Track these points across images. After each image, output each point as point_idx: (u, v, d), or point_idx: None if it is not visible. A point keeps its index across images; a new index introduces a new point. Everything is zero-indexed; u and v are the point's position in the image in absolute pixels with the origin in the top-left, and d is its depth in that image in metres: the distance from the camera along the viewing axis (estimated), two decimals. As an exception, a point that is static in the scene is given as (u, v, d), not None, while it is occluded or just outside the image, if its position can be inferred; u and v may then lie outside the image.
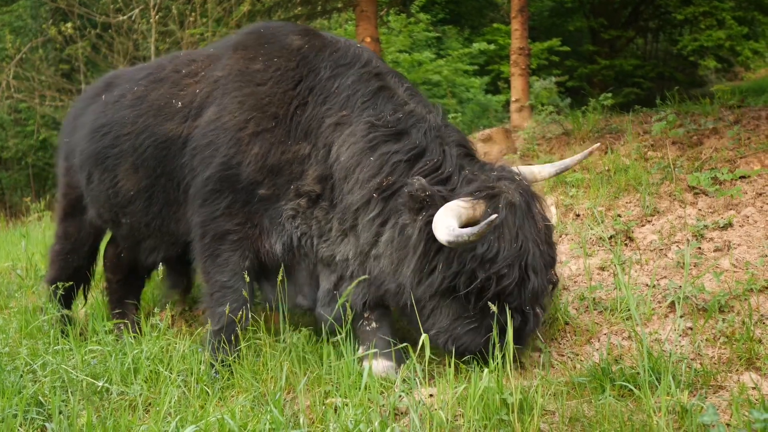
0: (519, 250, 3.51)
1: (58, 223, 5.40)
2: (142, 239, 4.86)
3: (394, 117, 3.93)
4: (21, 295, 6.06)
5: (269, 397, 3.33)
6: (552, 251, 3.75)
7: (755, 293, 4.02)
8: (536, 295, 3.59)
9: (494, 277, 3.49)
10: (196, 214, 4.23)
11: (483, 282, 3.50)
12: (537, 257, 3.57)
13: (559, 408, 3.22)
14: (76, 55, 15.45)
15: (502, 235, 3.51)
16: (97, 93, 5.19)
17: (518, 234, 3.53)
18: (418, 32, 13.75)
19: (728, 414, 3.06)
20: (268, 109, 4.13)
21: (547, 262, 3.67)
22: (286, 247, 4.12)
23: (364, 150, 3.86)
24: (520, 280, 3.51)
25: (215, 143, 4.17)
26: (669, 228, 4.97)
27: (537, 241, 3.59)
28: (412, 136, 3.86)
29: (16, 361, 4.06)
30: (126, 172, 4.61)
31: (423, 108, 4.05)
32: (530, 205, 3.66)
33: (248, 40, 4.51)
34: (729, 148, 5.78)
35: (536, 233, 3.61)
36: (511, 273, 3.49)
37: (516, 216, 3.56)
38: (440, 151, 3.81)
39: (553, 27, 18.01)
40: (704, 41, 15.40)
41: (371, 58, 4.25)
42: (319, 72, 4.17)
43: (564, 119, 7.86)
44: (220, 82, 4.35)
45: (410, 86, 4.25)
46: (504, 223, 3.52)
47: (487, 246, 3.49)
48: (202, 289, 4.32)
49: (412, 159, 3.81)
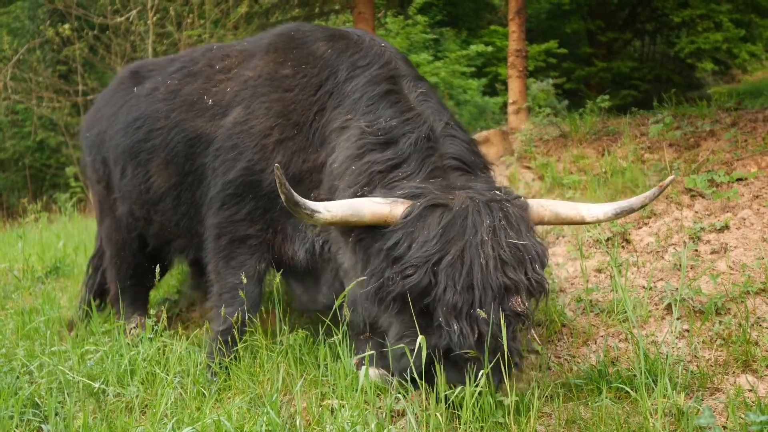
0: (431, 251, 3.10)
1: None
2: (173, 239, 4.81)
3: (387, 124, 3.70)
4: (18, 297, 6.05)
5: (266, 398, 3.33)
6: (508, 276, 3.11)
7: (752, 295, 4.03)
8: (455, 308, 3.06)
9: (399, 277, 3.14)
10: (214, 216, 4.18)
11: (389, 283, 3.18)
12: (463, 264, 3.08)
13: (555, 410, 3.22)
14: (74, 56, 15.41)
15: (414, 235, 3.16)
16: (123, 84, 5.14)
17: (437, 236, 3.12)
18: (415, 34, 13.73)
19: (725, 416, 3.07)
20: (292, 117, 4.02)
21: (494, 283, 3.08)
22: (309, 253, 4.04)
23: (353, 157, 3.68)
24: (428, 283, 3.09)
25: (239, 147, 4.09)
26: (666, 230, 4.98)
27: (474, 253, 3.10)
28: (399, 145, 3.61)
29: (13, 362, 4.05)
30: (158, 167, 4.55)
31: (430, 115, 3.75)
32: (482, 216, 3.17)
33: (279, 43, 4.40)
34: (726, 150, 5.78)
35: (475, 245, 3.11)
36: (417, 273, 3.10)
37: (443, 219, 3.16)
38: (420, 163, 3.54)
39: (550, 29, 18.03)
40: (701, 44, 15.41)
41: (392, 59, 4.06)
42: (337, 75, 4.03)
43: (561, 121, 7.86)
44: (249, 83, 4.25)
45: (426, 91, 3.97)
46: (421, 223, 3.17)
47: (394, 242, 3.20)
48: (210, 288, 4.29)
49: (387, 170, 3.57)
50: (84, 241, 8.23)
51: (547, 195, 6.15)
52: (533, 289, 3.19)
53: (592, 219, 3.48)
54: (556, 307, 4.34)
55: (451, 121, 3.82)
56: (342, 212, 3.25)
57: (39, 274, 6.94)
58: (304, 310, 4.44)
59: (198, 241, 4.49)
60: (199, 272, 5.23)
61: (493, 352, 3.09)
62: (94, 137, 5.24)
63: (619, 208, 3.46)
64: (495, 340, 3.08)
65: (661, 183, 3.42)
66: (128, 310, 5.15)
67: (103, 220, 5.32)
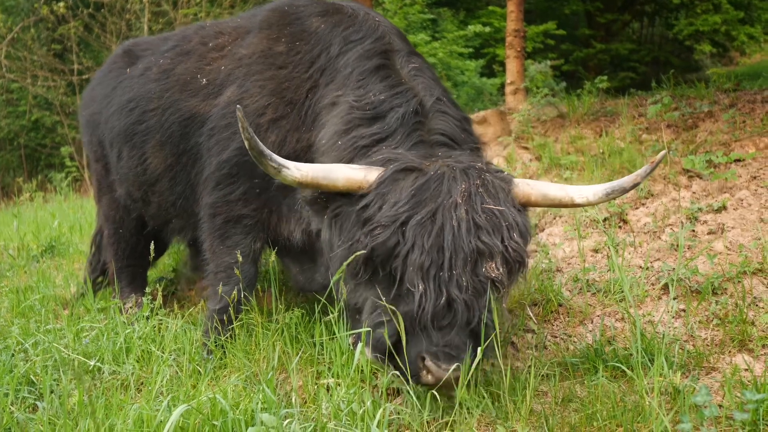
0: (401, 211, 3.00)
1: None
2: (170, 219, 4.76)
3: (376, 98, 3.58)
4: (13, 275, 6.04)
5: (261, 376, 3.32)
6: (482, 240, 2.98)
7: (748, 275, 4.03)
8: (422, 269, 2.94)
9: (368, 237, 3.03)
10: (209, 195, 4.14)
11: (358, 244, 3.08)
12: (433, 226, 2.97)
13: (551, 389, 3.22)
14: (69, 34, 15.33)
15: (386, 197, 3.07)
16: (116, 63, 5.09)
17: (408, 197, 3.02)
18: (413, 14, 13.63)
19: (721, 395, 3.07)
20: (286, 95, 3.94)
21: (467, 246, 2.96)
22: (305, 233, 3.97)
23: (340, 132, 3.58)
24: (396, 243, 2.98)
25: (233, 126, 4.02)
26: (663, 211, 4.97)
27: (447, 216, 2.98)
28: (386, 120, 3.49)
29: (8, 340, 4.05)
30: (153, 149, 4.50)
31: (422, 90, 3.64)
32: (457, 182, 3.07)
33: (273, 18, 4.31)
34: (724, 131, 5.77)
35: (447, 207, 3.00)
36: (384, 232, 3.00)
37: (416, 182, 3.06)
38: (405, 137, 3.43)
39: (549, 10, 17.93)
40: (700, 26, 15.37)
41: (386, 33, 3.93)
42: (330, 50, 3.94)
43: (559, 102, 7.83)
44: (244, 61, 4.18)
45: (419, 66, 3.84)
46: (394, 186, 3.09)
47: (365, 204, 3.12)
48: (206, 267, 4.28)
49: (372, 144, 3.45)
50: (79, 221, 8.22)
51: (544, 175, 6.14)
52: (509, 256, 3.01)
53: (582, 201, 3.27)
54: (552, 287, 4.33)
55: (444, 97, 3.70)
56: (314, 173, 3.16)
57: (34, 253, 6.92)
58: (301, 289, 4.41)
59: (195, 221, 4.45)
60: (197, 253, 5.21)
61: (467, 325, 2.96)
62: (89, 117, 5.21)
63: (610, 188, 3.26)
64: (468, 311, 2.95)
65: (653, 160, 3.18)
66: (126, 289, 5.14)
67: (102, 198, 5.30)
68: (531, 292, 4.34)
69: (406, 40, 4.13)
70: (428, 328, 2.94)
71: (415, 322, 2.95)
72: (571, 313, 4.13)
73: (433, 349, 2.90)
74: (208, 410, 2.94)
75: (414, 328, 2.96)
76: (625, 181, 3.24)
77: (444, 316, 2.92)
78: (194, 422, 2.87)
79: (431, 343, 2.92)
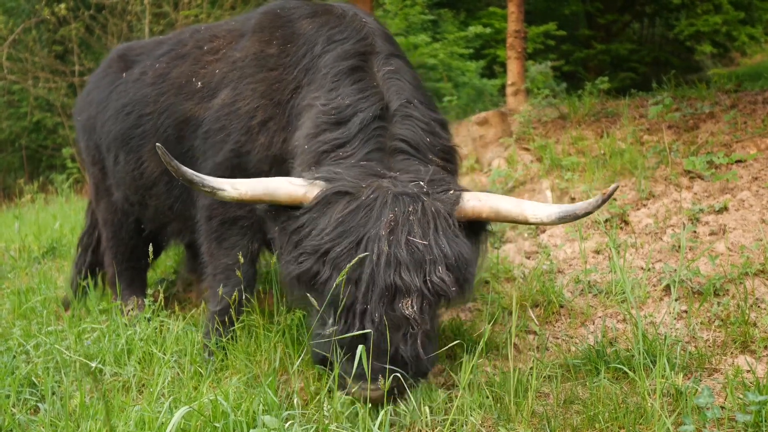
0: (325, 240, 3.05)
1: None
2: (168, 222, 4.77)
3: (343, 102, 3.55)
4: (14, 276, 6.04)
5: (263, 378, 3.32)
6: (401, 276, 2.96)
7: (750, 277, 4.03)
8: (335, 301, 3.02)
9: (294, 263, 3.15)
10: (204, 198, 4.14)
11: (287, 266, 3.20)
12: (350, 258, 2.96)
13: (553, 390, 3.22)
14: (70, 36, 15.31)
15: (315, 221, 3.11)
16: (111, 67, 5.09)
17: (335, 226, 3.05)
18: (413, 15, 13.60)
19: (723, 396, 3.07)
20: (275, 96, 3.96)
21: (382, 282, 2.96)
22: None
23: (309, 136, 3.56)
24: (316, 274, 3.07)
25: (227, 129, 4.04)
26: (664, 212, 4.97)
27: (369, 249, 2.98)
28: (348, 124, 3.46)
29: (9, 341, 4.05)
30: (150, 152, 4.51)
31: (392, 93, 3.58)
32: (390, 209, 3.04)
33: (265, 21, 4.32)
34: (725, 132, 5.76)
35: (371, 239, 2.99)
36: (307, 261, 3.09)
37: (346, 208, 3.07)
38: (362, 143, 3.39)
39: (549, 11, 17.91)
40: (701, 26, 15.35)
41: (369, 35, 3.90)
42: (314, 50, 3.93)
43: (560, 103, 7.83)
44: (237, 64, 4.20)
45: (396, 69, 3.76)
46: (325, 210, 3.11)
47: (297, 226, 3.18)
48: (204, 269, 4.28)
49: (332, 149, 3.44)
50: (81, 222, 8.20)
51: (545, 177, 6.13)
52: (428, 292, 3.00)
53: (535, 220, 3.21)
54: (554, 288, 4.33)
55: (415, 100, 3.62)
56: (252, 191, 3.18)
57: (35, 255, 6.93)
58: None
59: (192, 224, 4.46)
60: (195, 255, 5.20)
61: (392, 358, 2.98)
62: (85, 121, 5.21)
63: (564, 212, 3.17)
64: (382, 343, 2.96)
65: (605, 191, 3.06)
66: (126, 292, 5.14)
67: (99, 202, 5.30)
68: (532, 294, 4.34)
69: (393, 42, 4.10)
70: (351, 352, 3.01)
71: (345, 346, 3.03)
72: (572, 315, 4.13)
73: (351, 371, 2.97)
74: (210, 412, 2.94)
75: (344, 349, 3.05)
76: (579, 207, 3.17)
77: (355, 346, 2.90)
78: (196, 424, 2.87)
79: (350, 365, 2.98)
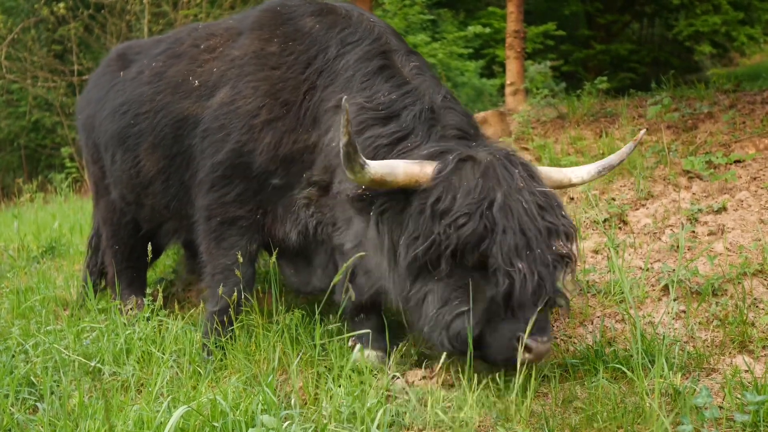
0: (479, 198, 3.11)
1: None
2: (164, 221, 4.77)
3: (387, 98, 3.66)
4: (13, 276, 6.04)
5: (262, 378, 3.32)
6: (547, 219, 3.21)
7: (749, 277, 4.03)
8: (518, 249, 3.08)
9: (452, 228, 3.10)
10: (203, 197, 4.14)
11: (442, 238, 3.12)
12: (511, 208, 3.11)
13: (551, 390, 3.22)
14: (69, 35, 15.32)
15: (455, 186, 3.17)
16: (110, 66, 5.09)
17: (479, 184, 3.14)
18: (413, 15, 13.59)
19: (721, 396, 3.07)
20: (281, 96, 3.95)
21: (540, 226, 3.16)
22: (301, 234, 3.99)
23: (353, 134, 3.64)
24: (486, 227, 3.08)
25: (227, 128, 4.03)
26: (663, 212, 4.97)
27: (516, 199, 3.15)
28: (401, 118, 3.59)
29: (8, 341, 4.05)
30: (146, 151, 4.50)
31: (428, 88, 3.73)
32: (508, 168, 3.24)
33: (265, 19, 4.30)
34: (724, 132, 5.77)
35: (514, 191, 3.17)
36: (471, 220, 3.08)
37: (477, 170, 3.20)
38: (426, 134, 3.53)
39: (548, 11, 17.92)
40: (700, 26, 15.37)
41: (383, 34, 3.98)
42: (327, 52, 3.96)
43: (559, 103, 7.83)
44: (236, 63, 4.18)
45: (420, 65, 3.93)
46: (458, 175, 3.19)
47: (435, 197, 3.17)
48: (203, 269, 4.28)
49: (394, 142, 3.54)
50: (80, 221, 8.21)
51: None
52: (568, 232, 3.28)
53: (578, 180, 3.61)
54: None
55: (448, 95, 3.80)
56: (382, 171, 3.21)
57: (34, 254, 6.92)
58: (296, 292, 4.41)
59: (189, 223, 4.46)
60: (193, 254, 5.19)
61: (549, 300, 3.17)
62: (85, 120, 5.23)
63: (600, 166, 3.64)
64: (552, 287, 3.17)
65: (635, 138, 3.72)
66: (125, 291, 5.14)
67: (99, 201, 5.30)
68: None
69: (402, 39, 4.17)
70: (524, 306, 3.08)
71: (507, 304, 3.09)
72: (571, 314, 4.13)
73: (524, 326, 3.02)
74: (209, 411, 2.95)
75: (504, 311, 3.11)
76: (613, 158, 3.70)
77: (537, 292, 3.09)
78: (194, 423, 2.87)
79: (524, 320, 3.04)
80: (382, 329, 3.91)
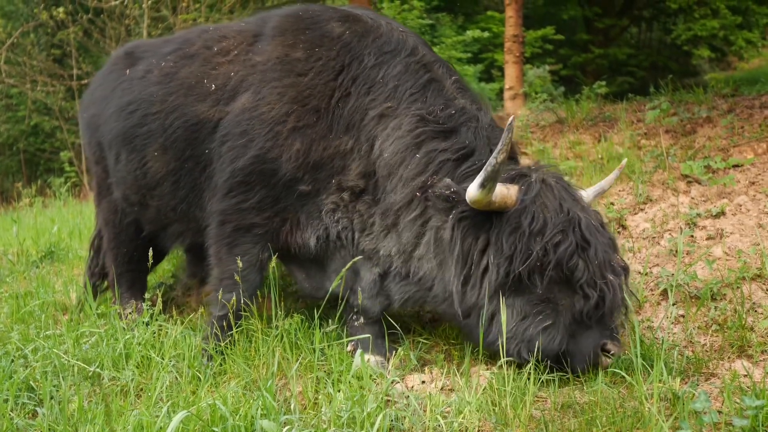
0: (567, 216, 3.36)
1: None
2: (169, 224, 4.67)
3: (445, 113, 3.73)
4: (12, 280, 6.03)
5: (261, 382, 3.33)
6: (608, 233, 3.53)
7: (747, 281, 4.03)
8: (604, 263, 3.35)
9: (550, 246, 3.31)
10: (219, 202, 4.08)
11: (540, 255, 3.30)
12: (590, 224, 3.40)
13: (551, 394, 3.23)
14: (68, 40, 15.34)
15: (545, 206, 3.38)
16: (117, 65, 5.01)
17: (561, 204, 3.40)
18: (411, 19, 13.63)
19: (720, 401, 3.07)
20: (309, 102, 3.92)
21: (606, 241, 3.45)
22: (321, 240, 3.99)
23: (410, 146, 3.70)
24: (577, 244, 3.32)
25: (249, 134, 3.97)
26: (662, 216, 4.98)
27: (587, 215, 3.44)
28: (461, 134, 3.68)
29: (8, 346, 4.04)
30: (155, 152, 4.42)
31: (472, 105, 3.84)
32: (569, 190, 3.53)
33: (287, 25, 4.26)
34: (722, 136, 5.78)
35: (582, 208, 3.47)
36: (566, 238, 3.32)
37: (554, 191, 3.44)
38: (488, 154, 3.58)
39: (547, 15, 17.95)
40: (698, 31, 15.41)
41: (416, 45, 4.03)
42: (362, 60, 3.95)
43: (558, 107, 7.85)
44: (258, 68, 4.12)
45: (458, 78, 4.02)
46: (543, 196, 3.41)
47: (531, 218, 3.35)
48: (210, 272, 4.25)
49: (461, 159, 3.64)
50: (79, 226, 8.21)
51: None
52: (618, 244, 3.60)
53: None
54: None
55: (489, 112, 3.95)
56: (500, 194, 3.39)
57: (33, 259, 6.91)
58: (308, 296, 4.37)
59: (195, 226, 4.42)
60: (195, 260, 5.16)
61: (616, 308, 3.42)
62: (89, 119, 5.16)
63: (594, 192, 3.86)
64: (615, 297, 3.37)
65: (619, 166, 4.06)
66: (125, 294, 5.11)
67: (101, 201, 5.25)
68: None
69: (431, 48, 4.21)
70: (610, 315, 3.39)
71: (595, 314, 3.34)
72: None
73: (608, 333, 3.38)
74: (208, 416, 2.95)
75: (589, 321, 3.36)
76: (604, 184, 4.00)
77: (622, 301, 3.42)
78: (194, 428, 2.87)
79: (606, 328, 3.38)
80: (382, 335, 3.91)
